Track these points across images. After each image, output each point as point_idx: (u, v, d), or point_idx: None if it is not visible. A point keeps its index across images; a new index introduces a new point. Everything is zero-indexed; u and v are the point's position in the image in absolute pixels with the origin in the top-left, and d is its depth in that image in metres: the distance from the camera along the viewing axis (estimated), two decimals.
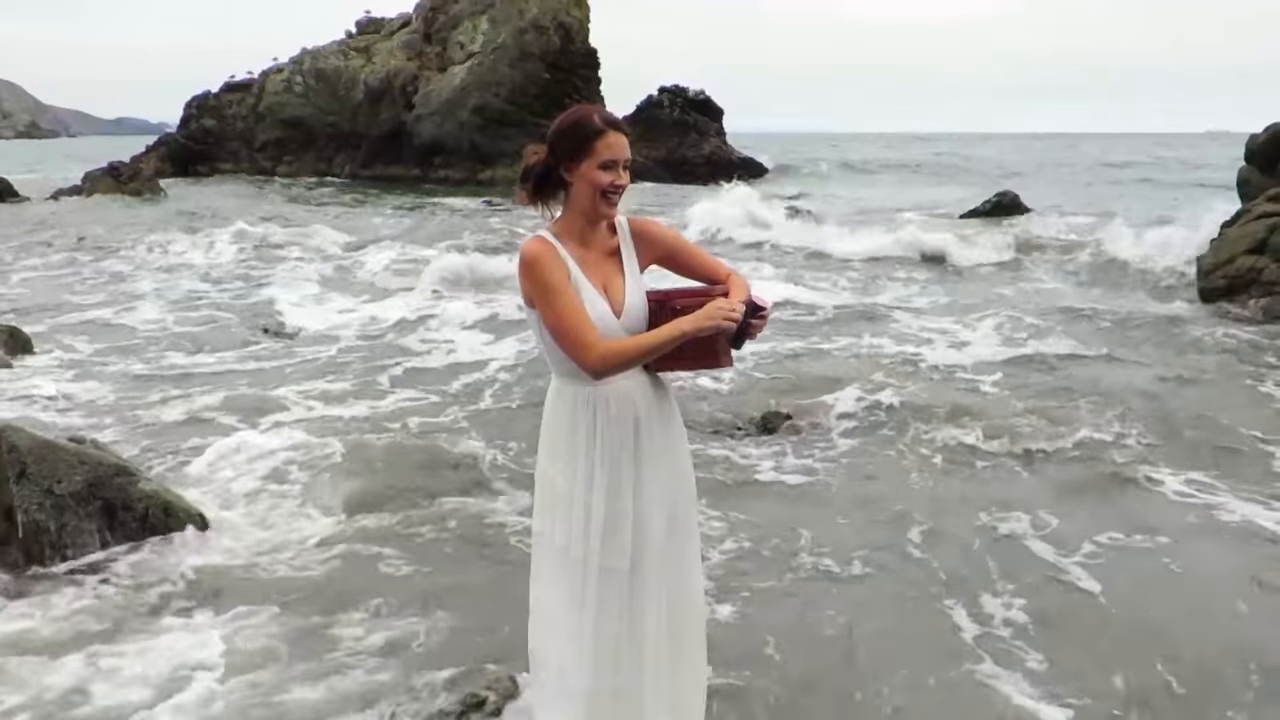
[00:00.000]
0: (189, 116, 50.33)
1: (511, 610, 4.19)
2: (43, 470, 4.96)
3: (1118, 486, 5.84)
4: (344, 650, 4.03)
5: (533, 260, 2.68)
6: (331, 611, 4.36)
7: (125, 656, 3.95)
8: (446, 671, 3.81)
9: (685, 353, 2.72)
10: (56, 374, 8.50)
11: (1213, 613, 4.33)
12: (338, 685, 3.76)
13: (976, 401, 7.51)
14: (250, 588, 4.58)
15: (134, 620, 4.28)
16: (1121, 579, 4.66)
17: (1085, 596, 4.52)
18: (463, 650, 4.01)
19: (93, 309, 11.81)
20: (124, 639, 4.11)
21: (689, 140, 49.17)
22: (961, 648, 4.06)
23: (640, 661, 2.80)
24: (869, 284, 13.92)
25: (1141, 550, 5.00)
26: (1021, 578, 4.69)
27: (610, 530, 2.76)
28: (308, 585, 4.62)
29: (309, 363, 9.12)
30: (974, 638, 4.14)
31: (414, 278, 13.62)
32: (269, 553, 4.99)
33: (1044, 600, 4.47)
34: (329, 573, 4.78)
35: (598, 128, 2.70)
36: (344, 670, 3.86)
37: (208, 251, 17.21)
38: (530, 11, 44.47)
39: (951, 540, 5.13)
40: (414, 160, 43.54)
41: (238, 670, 3.86)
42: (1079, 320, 10.55)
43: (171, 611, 4.35)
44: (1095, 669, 3.87)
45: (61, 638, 4.12)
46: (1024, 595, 4.51)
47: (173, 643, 4.05)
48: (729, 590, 4.55)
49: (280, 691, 3.71)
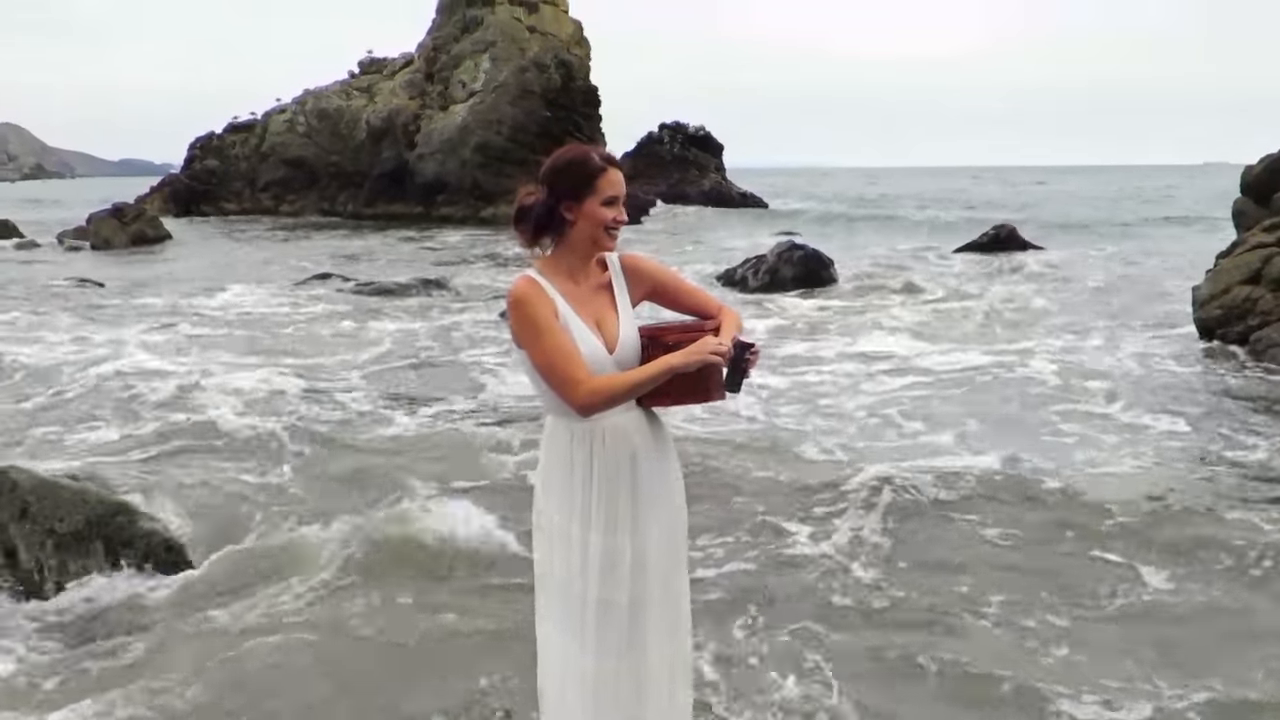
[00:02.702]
0: (193, 157, 50.71)
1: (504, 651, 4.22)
2: (44, 509, 5.00)
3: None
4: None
5: (519, 300, 2.71)
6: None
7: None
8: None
9: (675, 387, 2.73)
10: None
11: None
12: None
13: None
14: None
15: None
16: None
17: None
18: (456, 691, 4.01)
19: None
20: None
21: (689, 176, 49.56)
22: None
23: (641, 697, 2.80)
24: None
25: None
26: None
27: (608, 565, 2.76)
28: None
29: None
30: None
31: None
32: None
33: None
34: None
35: (599, 165, 2.74)
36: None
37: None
38: (531, 50, 44.91)
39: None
40: (416, 198, 43.79)
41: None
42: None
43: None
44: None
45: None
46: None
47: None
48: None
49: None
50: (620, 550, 2.77)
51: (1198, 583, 4.94)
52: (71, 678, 4.16)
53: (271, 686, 4.03)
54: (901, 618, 4.61)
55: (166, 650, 4.37)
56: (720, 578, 5.04)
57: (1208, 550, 5.26)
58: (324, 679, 4.09)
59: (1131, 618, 4.63)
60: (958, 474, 6.40)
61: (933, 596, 4.83)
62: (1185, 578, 5.00)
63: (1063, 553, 5.38)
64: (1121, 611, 4.70)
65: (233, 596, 4.91)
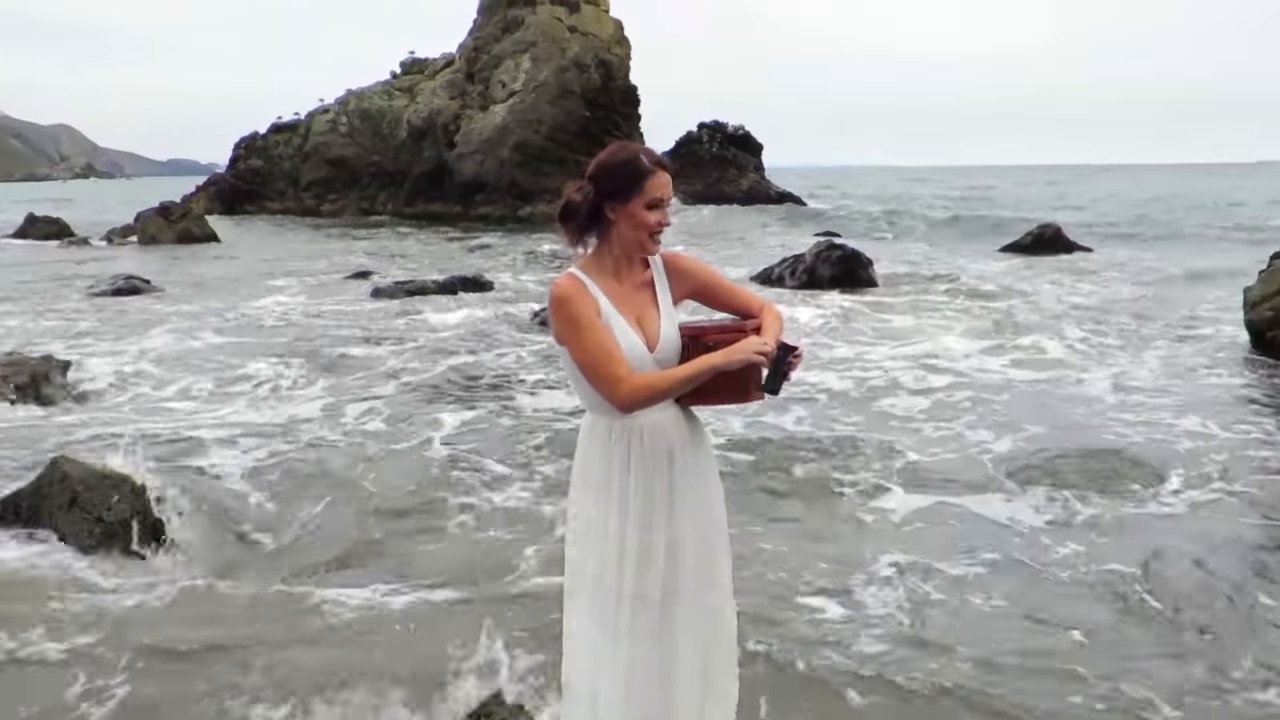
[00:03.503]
0: (237, 157, 51.43)
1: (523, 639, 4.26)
2: (93, 498, 5.11)
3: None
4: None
5: (561, 297, 2.72)
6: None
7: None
8: (459, 705, 3.83)
9: (714, 387, 2.74)
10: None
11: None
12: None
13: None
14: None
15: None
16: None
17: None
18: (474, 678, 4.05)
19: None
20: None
21: (728, 175, 49.51)
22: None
23: (672, 692, 2.81)
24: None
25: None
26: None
27: (644, 561, 2.78)
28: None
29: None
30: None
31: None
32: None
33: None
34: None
35: (648, 168, 2.73)
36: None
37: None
38: (572, 49, 45.06)
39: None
40: (455, 198, 44.10)
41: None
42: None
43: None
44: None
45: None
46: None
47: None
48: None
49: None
50: (655, 546, 2.78)
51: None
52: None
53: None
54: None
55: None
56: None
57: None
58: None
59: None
60: (1010, 497, 6.24)
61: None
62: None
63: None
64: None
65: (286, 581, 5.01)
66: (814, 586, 4.96)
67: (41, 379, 8.65)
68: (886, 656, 4.23)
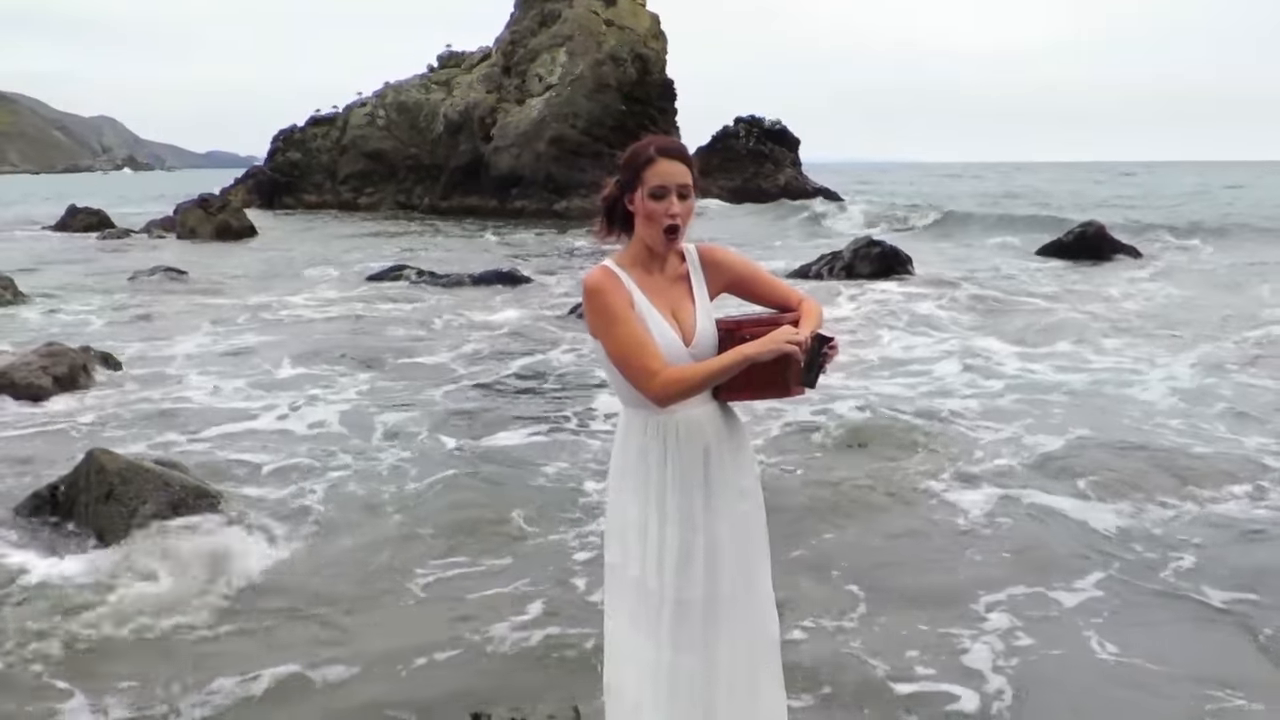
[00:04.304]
0: (275, 150, 51.87)
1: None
2: (129, 491, 5.12)
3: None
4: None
5: (594, 289, 2.68)
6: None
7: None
8: (504, 705, 3.79)
9: (753, 381, 2.69)
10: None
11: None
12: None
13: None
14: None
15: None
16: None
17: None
18: (520, 681, 4.02)
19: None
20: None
21: (764, 170, 49.25)
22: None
23: (716, 696, 2.75)
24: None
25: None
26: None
27: (684, 561, 2.72)
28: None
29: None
30: None
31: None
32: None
33: None
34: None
35: (649, 156, 2.70)
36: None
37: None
38: (608, 43, 45.03)
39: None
40: (491, 191, 44.22)
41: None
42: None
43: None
44: None
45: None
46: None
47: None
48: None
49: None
50: (694, 545, 2.73)
51: None
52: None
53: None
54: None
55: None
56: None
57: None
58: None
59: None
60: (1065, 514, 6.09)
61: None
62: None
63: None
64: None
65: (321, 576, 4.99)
66: (889, 605, 4.75)
67: (79, 370, 8.72)
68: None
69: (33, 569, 4.90)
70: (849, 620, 4.58)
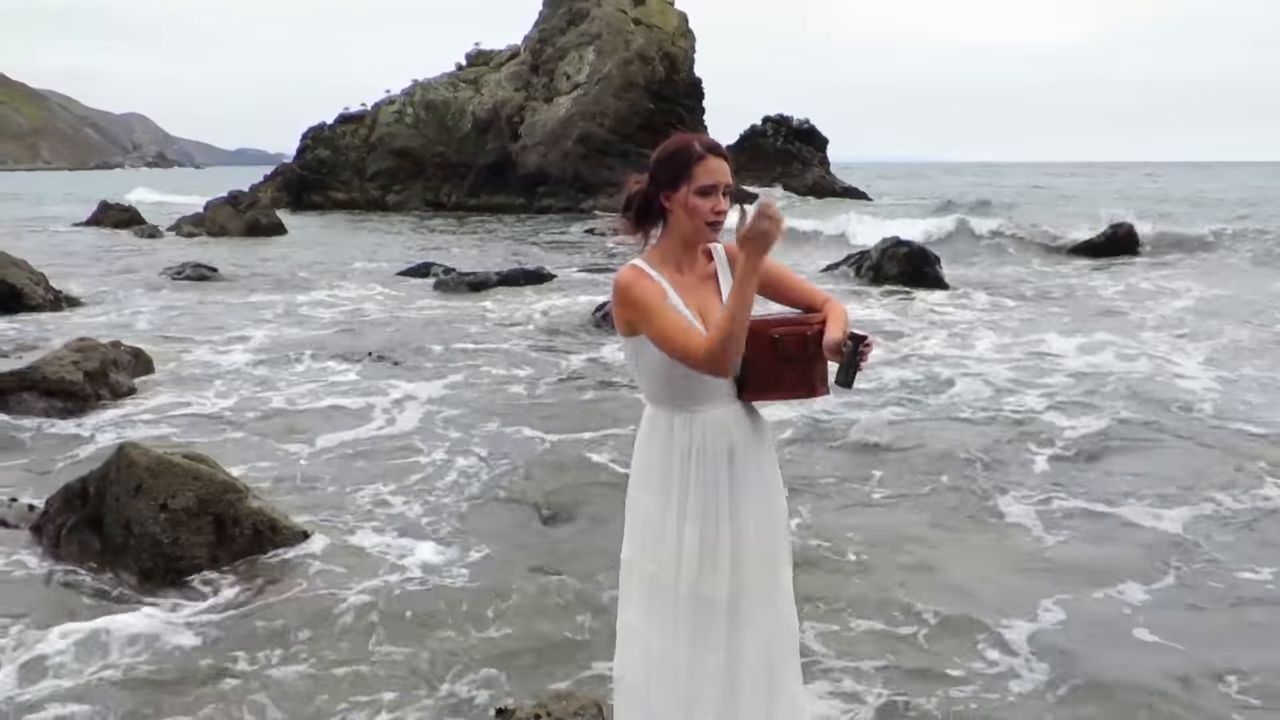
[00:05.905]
0: (304, 147, 52.11)
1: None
2: (158, 486, 5.15)
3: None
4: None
5: (627, 286, 2.69)
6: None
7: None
8: (529, 701, 3.80)
9: (779, 382, 2.71)
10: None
11: None
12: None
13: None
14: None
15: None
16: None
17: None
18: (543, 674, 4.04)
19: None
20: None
21: (792, 169, 49.16)
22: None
23: (737, 694, 2.76)
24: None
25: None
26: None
27: (707, 560, 2.73)
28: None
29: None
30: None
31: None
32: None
33: None
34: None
35: (697, 153, 2.69)
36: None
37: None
38: (636, 42, 45.06)
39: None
40: (518, 189, 44.34)
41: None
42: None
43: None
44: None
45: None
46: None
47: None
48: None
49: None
50: (718, 542, 2.73)
51: None
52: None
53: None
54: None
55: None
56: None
57: None
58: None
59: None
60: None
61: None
62: None
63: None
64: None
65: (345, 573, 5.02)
66: (954, 610, 4.63)
67: (110, 365, 8.79)
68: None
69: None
70: (891, 618, 4.55)
